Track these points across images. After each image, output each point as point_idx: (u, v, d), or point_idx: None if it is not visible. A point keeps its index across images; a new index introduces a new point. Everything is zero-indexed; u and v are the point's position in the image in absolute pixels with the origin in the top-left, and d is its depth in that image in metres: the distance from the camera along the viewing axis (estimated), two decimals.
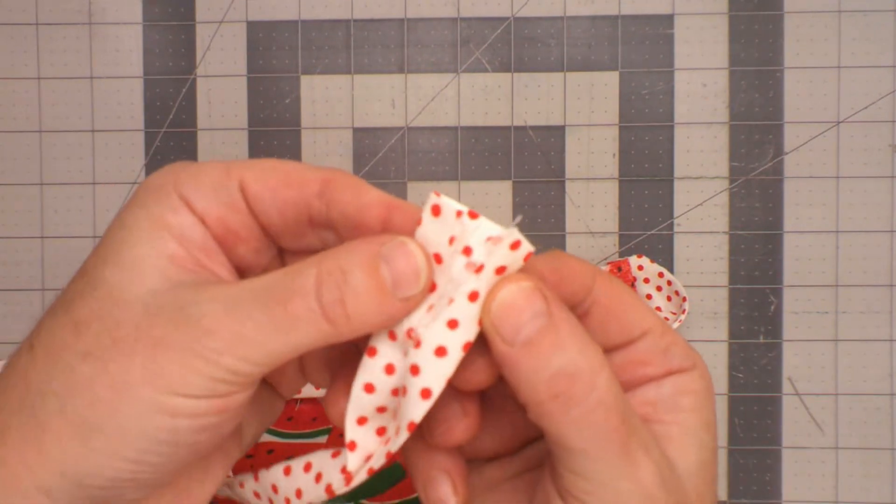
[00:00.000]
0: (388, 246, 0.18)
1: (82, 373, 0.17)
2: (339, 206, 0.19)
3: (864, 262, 0.42)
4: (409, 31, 0.43)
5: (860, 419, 0.42)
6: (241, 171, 0.19)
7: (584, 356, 0.17)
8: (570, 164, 0.43)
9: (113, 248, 0.18)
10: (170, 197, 0.19)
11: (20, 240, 0.43)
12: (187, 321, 0.17)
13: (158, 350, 0.17)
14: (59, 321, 0.18)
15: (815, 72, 0.42)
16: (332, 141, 0.43)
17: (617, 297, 0.20)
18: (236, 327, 0.17)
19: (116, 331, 0.17)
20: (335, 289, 0.17)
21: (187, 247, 0.18)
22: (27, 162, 0.43)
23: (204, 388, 0.17)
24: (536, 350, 0.17)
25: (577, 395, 0.17)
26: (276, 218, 0.20)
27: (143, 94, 0.43)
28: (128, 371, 0.17)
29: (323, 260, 0.18)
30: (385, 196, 0.19)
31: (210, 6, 0.43)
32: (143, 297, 0.17)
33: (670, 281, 0.41)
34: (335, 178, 0.19)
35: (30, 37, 0.43)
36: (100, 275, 0.18)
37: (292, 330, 0.17)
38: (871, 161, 0.42)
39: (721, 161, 0.42)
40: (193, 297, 0.17)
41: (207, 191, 0.19)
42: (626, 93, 0.43)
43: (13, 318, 0.43)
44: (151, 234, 0.18)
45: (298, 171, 0.20)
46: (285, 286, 0.17)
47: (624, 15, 0.43)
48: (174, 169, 0.19)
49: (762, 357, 0.43)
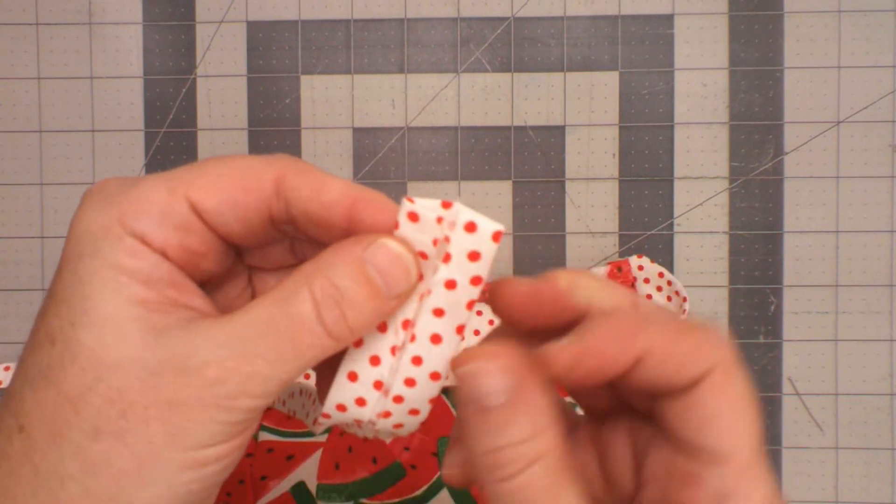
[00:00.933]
0: (370, 249, 0.17)
1: (98, 451, 0.16)
2: (298, 205, 0.19)
3: (864, 262, 0.42)
4: (409, 31, 0.43)
5: (860, 419, 0.42)
6: (186, 188, 0.18)
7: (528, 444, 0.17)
8: (570, 164, 0.43)
9: (79, 307, 0.17)
10: (122, 240, 0.17)
11: (20, 240, 0.43)
12: (193, 375, 0.16)
13: (173, 411, 0.16)
14: (48, 398, 0.17)
15: (815, 72, 0.42)
16: (332, 141, 0.43)
17: (722, 399, 0.17)
18: (245, 368, 0.17)
19: (120, 401, 0.16)
20: (334, 307, 0.17)
21: (155, 287, 0.18)
22: (27, 162, 0.43)
23: (225, 433, 0.17)
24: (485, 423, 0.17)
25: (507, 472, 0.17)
26: (236, 226, 0.19)
27: (143, 94, 0.43)
28: (148, 439, 0.16)
29: (311, 278, 0.17)
30: (346, 188, 0.18)
31: (210, 6, 0.43)
32: (133, 357, 0.17)
33: (670, 281, 0.41)
34: (287, 172, 0.18)
35: (30, 37, 0.43)
36: (75, 340, 0.17)
37: (299, 356, 0.17)
38: (871, 161, 0.42)
39: (721, 161, 0.42)
40: (188, 346, 0.17)
41: (159, 220, 0.18)
42: (626, 93, 0.43)
43: (13, 318, 0.43)
44: (116, 285, 0.17)
45: (250, 173, 0.18)
46: (284, 315, 0.17)
47: (624, 15, 0.43)
48: (112, 200, 0.18)
49: (762, 357, 0.43)
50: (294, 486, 0.39)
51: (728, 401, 0.17)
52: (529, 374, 0.17)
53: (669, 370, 0.17)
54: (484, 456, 0.17)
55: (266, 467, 0.39)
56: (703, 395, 0.17)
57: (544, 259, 0.43)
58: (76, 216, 0.18)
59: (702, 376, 0.17)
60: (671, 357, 0.17)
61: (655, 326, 0.17)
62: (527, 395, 0.17)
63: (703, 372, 0.17)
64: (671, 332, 0.17)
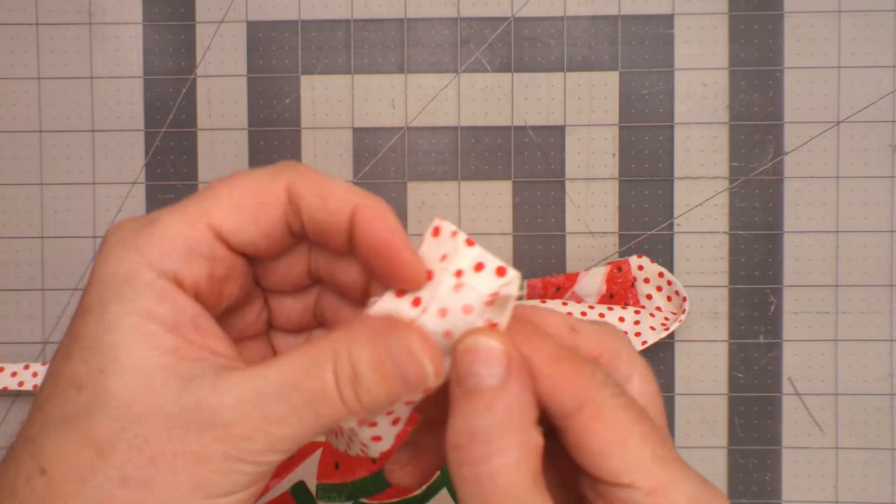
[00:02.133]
0: (393, 340, 0.18)
1: (125, 498, 0.17)
2: (305, 213, 0.19)
3: (864, 262, 0.42)
4: (409, 31, 0.43)
5: (860, 419, 0.42)
6: (206, 216, 0.18)
7: (501, 430, 0.17)
8: (570, 164, 0.43)
9: (108, 355, 0.17)
10: (151, 285, 0.18)
11: (20, 240, 0.43)
12: (220, 430, 0.17)
13: (200, 462, 0.17)
14: (73, 442, 0.17)
15: (815, 72, 0.42)
16: (332, 141, 0.43)
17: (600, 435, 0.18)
18: (271, 429, 0.17)
19: (148, 449, 0.17)
20: (351, 387, 0.18)
21: (182, 334, 0.18)
22: (27, 162, 0.43)
23: (247, 482, 0.18)
24: (472, 402, 0.17)
25: (471, 453, 0.17)
26: (261, 241, 0.19)
27: (143, 94, 0.43)
28: (174, 488, 0.17)
29: (336, 352, 0.18)
30: (347, 194, 0.19)
31: (210, 6, 0.43)
32: (161, 408, 0.17)
33: (670, 281, 0.41)
34: (294, 180, 0.19)
35: (30, 37, 0.43)
36: (103, 387, 0.17)
37: (320, 422, 0.18)
38: (871, 161, 0.42)
39: (721, 161, 0.42)
40: (214, 400, 0.17)
41: (187, 255, 0.18)
42: (626, 93, 0.43)
43: (13, 319, 0.43)
44: (145, 333, 0.17)
45: (262, 187, 0.19)
46: (308, 384, 0.17)
47: (624, 15, 0.43)
48: (135, 244, 0.18)
49: (762, 357, 0.43)
50: (294, 486, 0.39)
51: (609, 435, 0.18)
52: (522, 368, 0.18)
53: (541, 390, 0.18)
54: (461, 435, 0.17)
55: None
56: (583, 433, 0.18)
57: (544, 259, 0.43)
58: (99, 260, 0.18)
59: (572, 412, 0.18)
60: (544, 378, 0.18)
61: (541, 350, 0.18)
62: (518, 384, 0.18)
63: (573, 407, 0.18)
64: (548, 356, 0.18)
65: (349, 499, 0.39)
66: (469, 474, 0.17)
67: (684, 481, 0.18)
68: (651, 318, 0.41)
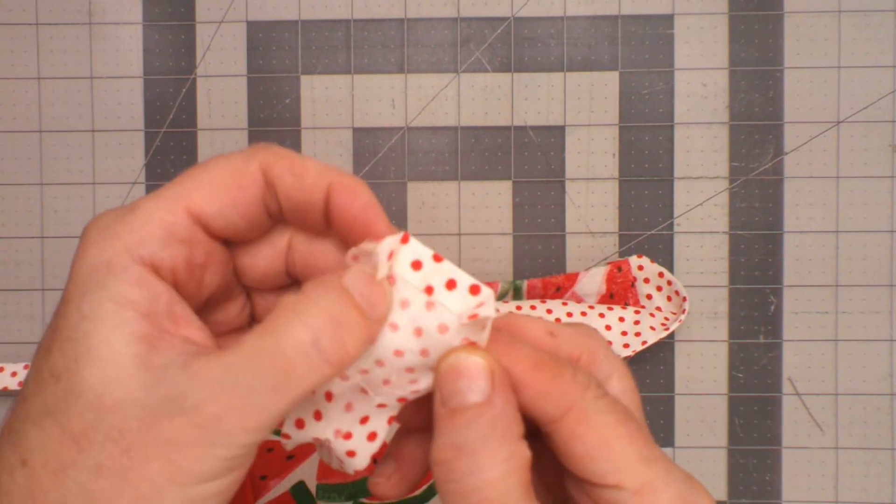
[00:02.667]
0: (348, 277, 0.18)
1: (101, 488, 0.17)
2: (282, 191, 0.19)
3: (864, 262, 0.42)
4: (409, 31, 0.43)
5: (860, 419, 0.42)
6: (184, 201, 0.19)
7: (485, 443, 0.17)
8: (570, 164, 0.43)
9: (82, 343, 0.17)
10: (127, 270, 0.18)
11: (20, 240, 0.43)
12: (190, 414, 0.17)
13: (172, 449, 0.17)
14: (52, 435, 0.17)
15: (815, 72, 0.42)
16: (332, 141, 0.43)
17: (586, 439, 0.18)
18: (241, 403, 0.17)
19: (122, 439, 0.17)
20: (334, 333, 0.17)
21: (156, 321, 0.18)
22: (27, 162, 0.43)
23: (223, 468, 0.17)
24: (457, 418, 0.18)
25: (457, 468, 0.17)
26: (240, 224, 0.20)
27: (143, 94, 0.43)
28: (149, 476, 0.17)
29: (299, 312, 0.17)
30: (322, 170, 0.19)
31: (210, 6, 0.43)
32: (132, 398, 0.17)
33: (670, 281, 0.41)
34: (269, 160, 0.19)
35: (30, 37, 0.43)
36: (78, 378, 0.17)
37: (296, 386, 0.17)
38: (871, 161, 0.42)
39: (721, 161, 0.42)
40: (184, 385, 0.17)
41: (164, 240, 0.18)
42: (626, 93, 0.43)
43: (13, 319, 0.43)
44: (119, 321, 0.17)
45: (239, 170, 0.19)
46: (277, 348, 0.17)
47: (624, 15, 0.43)
48: (113, 231, 0.18)
49: (762, 357, 0.43)
50: (294, 486, 0.39)
51: (594, 438, 0.18)
52: (505, 382, 0.18)
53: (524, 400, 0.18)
54: (446, 449, 0.17)
55: (266, 467, 0.39)
56: (568, 438, 0.18)
57: (544, 259, 0.43)
58: (78, 253, 0.18)
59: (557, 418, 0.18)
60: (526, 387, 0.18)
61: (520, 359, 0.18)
62: (502, 398, 0.18)
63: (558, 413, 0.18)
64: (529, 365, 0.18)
65: (349, 499, 0.39)
66: (457, 489, 0.17)
67: (670, 480, 0.18)
68: (651, 318, 0.41)
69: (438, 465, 0.17)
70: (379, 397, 0.20)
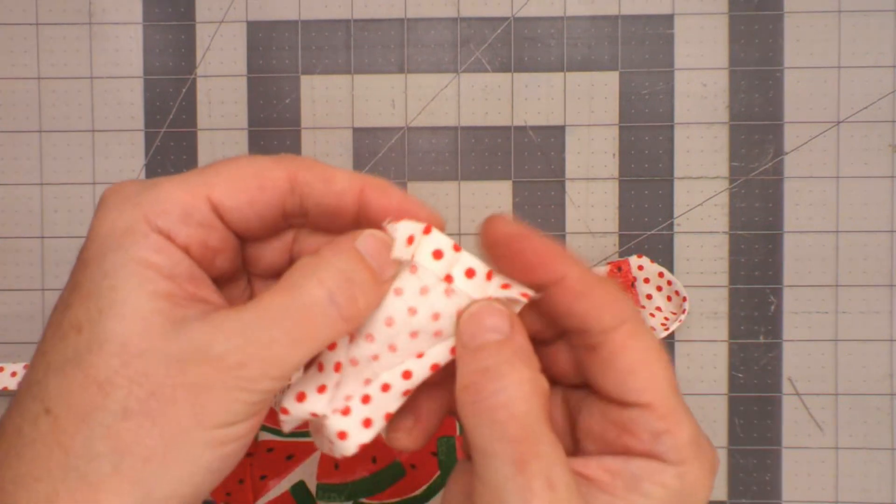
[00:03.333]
0: (360, 240, 0.19)
1: (127, 430, 0.17)
2: (312, 199, 0.20)
3: (864, 262, 0.42)
4: (409, 31, 0.43)
5: (860, 419, 0.42)
6: (206, 189, 0.19)
7: (509, 365, 0.19)
8: (570, 164, 0.43)
9: (106, 297, 0.18)
10: (148, 237, 0.18)
11: (20, 240, 0.43)
12: (216, 361, 0.17)
13: (198, 393, 0.17)
14: (75, 382, 0.17)
15: (815, 72, 0.42)
16: (332, 141, 0.43)
17: (633, 354, 0.19)
18: (263, 353, 0.18)
19: (148, 383, 0.17)
20: (347, 290, 0.19)
21: (178, 282, 0.19)
22: (27, 162, 0.43)
23: (246, 413, 0.18)
24: (477, 354, 0.19)
25: (485, 388, 0.18)
26: (254, 222, 0.20)
27: (143, 94, 0.43)
28: (176, 419, 0.17)
29: (317, 269, 0.19)
30: (353, 177, 0.20)
31: (210, 6, 0.43)
32: (158, 347, 0.17)
33: (670, 281, 0.41)
34: (299, 170, 0.20)
35: (30, 37, 0.43)
36: (102, 328, 0.17)
37: (314, 339, 0.18)
38: (871, 161, 0.42)
39: (721, 161, 0.42)
40: (208, 335, 0.18)
41: (182, 218, 0.19)
42: (626, 93, 0.43)
43: (13, 319, 0.43)
44: (141, 279, 0.18)
45: (264, 173, 0.20)
46: (296, 302, 0.18)
47: (624, 15, 0.43)
48: (135, 201, 0.19)
49: (762, 357, 0.43)
50: (294, 486, 0.39)
51: (639, 355, 0.19)
52: (523, 328, 0.20)
53: (584, 307, 0.19)
54: (473, 374, 0.18)
55: (266, 467, 0.39)
56: (616, 348, 0.19)
57: None
58: (98, 216, 0.19)
59: (612, 328, 0.19)
60: (586, 295, 0.19)
61: (581, 267, 0.20)
62: (521, 337, 0.19)
63: (614, 324, 0.19)
64: (592, 278, 0.20)
65: (349, 499, 0.39)
66: (483, 407, 0.18)
67: (688, 418, 0.19)
68: (651, 318, 0.41)
69: (465, 389, 0.18)
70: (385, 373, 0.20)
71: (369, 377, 0.20)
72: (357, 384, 0.20)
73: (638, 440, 0.19)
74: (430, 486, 0.39)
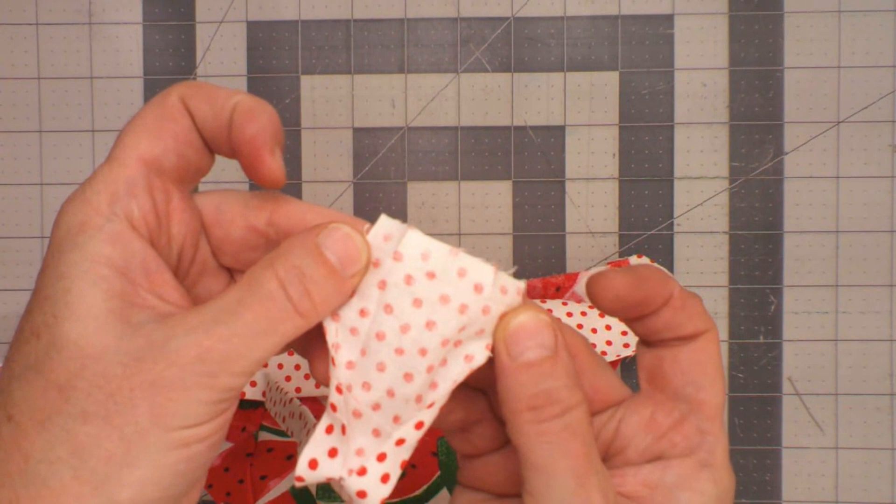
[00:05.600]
0: (323, 235, 0.19)
1: (86, 433, 0.17)
2: (199, 122, 0.20)
3: (864, 262, 0.42)
4: (409, 31, 0.43)
5: (860, 419, 0.42)
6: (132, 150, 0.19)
7: (568, 390, 0.19)
8: (570, 164, 0.43)
9: (61, 300, 0.18)
10: (101, 229, 0.18)
11: (20, 240, 0.43)
12: (173, 357, 0.17)
13: (157, 391, 0.17)
14: (36, 387, 0.17)
15: (815, 72, 0.42)
16: (332, 141, 0.43)
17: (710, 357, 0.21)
18: (222, 347, 0.18)
19: (107, 385, 0.17)
20: (298, 284, 0.18)
21: (132, 277, 0.18)
22: (27, 162, 0.43)
23: (208, 412, 0.18)
24: (532, 370, 0.19)
25: (550, 412, 0.19)
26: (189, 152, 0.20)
27: (143, 94, 0.43)
28: (135, 420, 0.17)
29: (273, 264, 0.19)
30: (231, 95, 0.20)
31: (210, 6, 0.43)
32: (114, 347, 0.17)
33: None
34: (187, 93, 0.20)
35: (30, 37, 0.43)
36: (59, 332, 0.18)
37: (273, 332, 0.18)
38: (871, 161, 0.42)
39: (721, 161, 0.42)
40: (166, 332, 0.18)
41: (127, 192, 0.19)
42: (626, 93, 0.43)
43: (13, 319, 0.43)
44: (95, 278, 0.18)
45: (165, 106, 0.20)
46: (253, 295, 0.18)
47: (624, 15, 0.43)
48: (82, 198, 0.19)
49: (762, 357, 0.43)
50: (294, 486, 0.39)
51: (711, 359, 0.21)
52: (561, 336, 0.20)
53: (684, 317, 0.21)
54: (537, 397, 0.19)
55: (266, 467, 0.39)
56: (699, 348, 0.21)
57: (544, 259, 0.43)
58: (56, 221, 0.19)
59: (697, 334, 0.21)
60: (686, 307, 0.21)
61: (676, 282, 0.21)
62: (564, 352, 0.20)
63: (699, 331, 0.21)
64: (686, 291, 0.21)
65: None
66: (548, 428, 0.19)
67: (724, 429, 0.21)
68: None
69: (531, 411, 0.19)
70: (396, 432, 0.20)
71: (376, 427, 0.20)
72: (366, 437, 0.20)
73: (683, 435, 0.20)
74: (430, 486, 0.39)
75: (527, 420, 0.19)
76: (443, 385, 0.20)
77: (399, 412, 0.20)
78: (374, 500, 0.20)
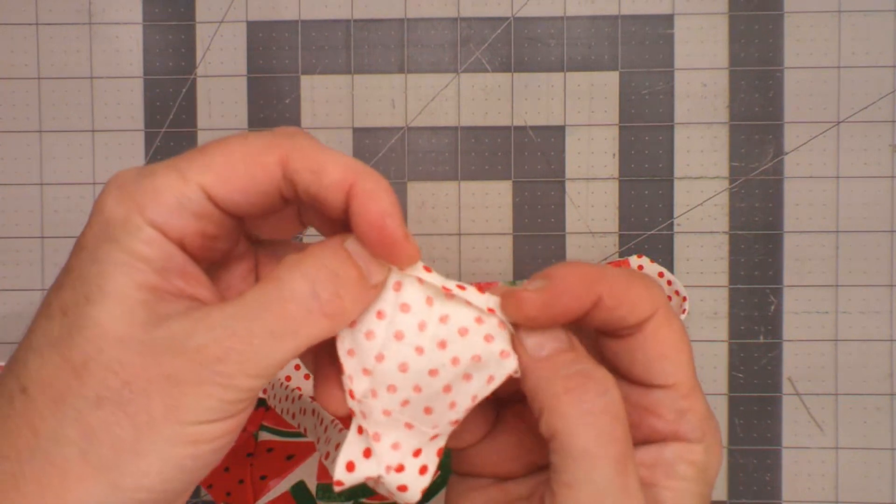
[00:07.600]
0: (350, 241, 0.19)
1: (99, 417, 0.17)
2: (302, 187, 0.20)
3: (864, 262, 0.42)
4: (409, 31, 0.43)
5: (860, 419, 0.42)
6: (197, 177, 0.19)
7: (599, 369, 0.19)
8: (570, 164, 0.43)
9: (94, 283, 0.18)
10: (141, 229, 0.18)
11: (20, 240, 0.43)
12: (193, 353, 0.17)
13: (173, 385, 0.17)
14: (53, 363, 0.17)
15: (815, 72, 0.42)
16: (332, 141, 0.43)
17: (664, 340, 0.20)
18: (241, 346, 0.17)
19: (123, 372, 0.17)
20: (331, 285, 0.18)
21: (167, 277, 0.18)
22: (27, 162, 0.43)
23: (221, 411, 0.18)
24: (558, 358, 0.19)
25: (590, 392, 0.19)
26: (248, 209, 0.20)
27: (143, 94, 0.43)
28: (148, 411, 0.17)
29: (300, 265, 0.19)
30: (344, 171, 0.19)
31: (210, 6, 0.43)
32: (136, 336, 0.17)
33: (670, 281, 0.41)
34: (289, 154, 0.19)
35: (30, 37, 0.43)
36: (85, 313, 0.18)
37: (294, 335, 0.18)
38: (871, 161, 0.42)
39: (721, 161, 0.42)
40: (189, 328, 0.18)
41: (176, 210, 0.19)
42: (626, 93, 0.43)
43: (13, 319, 0.43)
44: (130, 269, 0.18)
45: (255, 160, 0.19)
46: (278, 297, 0.18)
47: (624, 15, 0.43)
48: (130, 191, 0.19)
49: (762, 357, 0.43)
50: (294, 486, 0.39)
51: (669, 340, 0.20)
52: None
53: (622, 311, 0.20)
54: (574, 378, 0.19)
55: (266, 467, 0.39)
56: (649, 336, 0.20)
57: (544, 259, 0.43)
58: (98, 203, 0.19)
59: (646, 319, 0.20)
60: (623, 302, 0.20)
61: (609, 276, 0.20)
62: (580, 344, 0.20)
63: (648, 315, 0.20)
64: (622, 281, 0.20)
65: (349, 499, 0.39)
66: (589, 409, 0.19)
67: (702, 394, 0.21)
68: None
69: (568, 393, 0.19)
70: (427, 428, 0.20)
71: (408, 421, 0.20)
72: (400, 431, 0.20)
73: (663, 421, 0.20)
74: (430, 486, 0.39)
75: (568, 402, 0.19)
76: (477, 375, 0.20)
77: (430, 403, 0.20)
78: (415, 491, 0.20)
